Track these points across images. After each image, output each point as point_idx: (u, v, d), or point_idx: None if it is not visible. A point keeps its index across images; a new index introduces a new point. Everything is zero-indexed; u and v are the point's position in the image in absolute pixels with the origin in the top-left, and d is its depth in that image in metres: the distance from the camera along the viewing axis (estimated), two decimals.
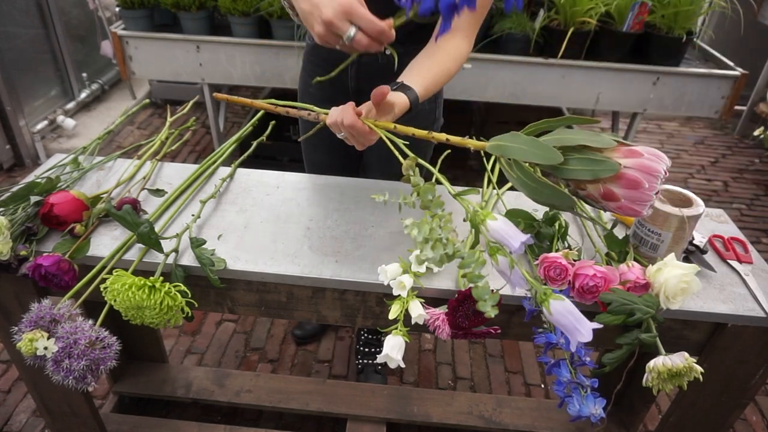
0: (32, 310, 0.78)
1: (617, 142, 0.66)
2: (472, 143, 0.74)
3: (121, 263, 0.86)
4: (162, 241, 0.86)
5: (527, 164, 0.68)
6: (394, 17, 0.74)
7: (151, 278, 0.79)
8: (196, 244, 0.87)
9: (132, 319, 0.82)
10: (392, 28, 0.74)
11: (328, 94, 1.24)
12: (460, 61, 0.99)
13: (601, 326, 0.64)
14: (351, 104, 0.81)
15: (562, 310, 0.63)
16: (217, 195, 1.03)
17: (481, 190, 1.09)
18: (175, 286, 0.81)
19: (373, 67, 1.16)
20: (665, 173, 0.64)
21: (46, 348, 0.76)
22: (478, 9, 0.98)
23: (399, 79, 0.93)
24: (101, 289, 0.80)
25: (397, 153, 0.80)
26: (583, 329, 0.62)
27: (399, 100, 0.87)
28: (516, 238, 0.63)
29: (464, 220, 0.86)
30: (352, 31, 0.71)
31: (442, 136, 0.77)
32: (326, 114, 0.86)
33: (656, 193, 0.64)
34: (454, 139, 0.76)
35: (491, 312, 0.63)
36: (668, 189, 0.87)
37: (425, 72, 0.95)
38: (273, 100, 0.96)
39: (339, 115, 0.80)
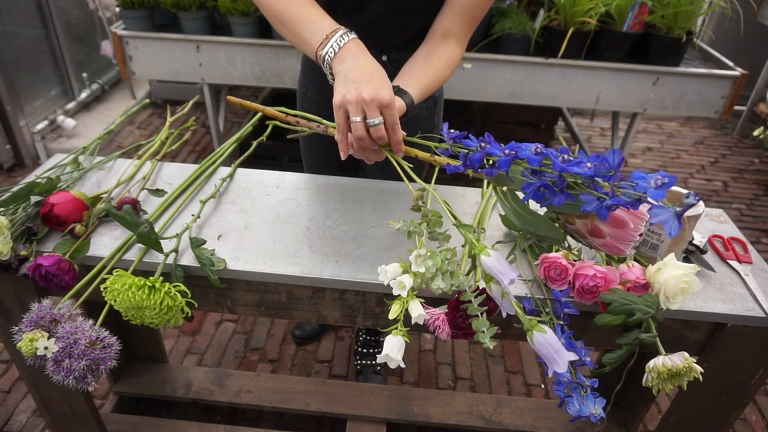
0: (32, 310, 0.78)
1: None
2: (470, 173, 0.77)
3: (121, 263, 0.86)
4: (162, 241, 0.86)
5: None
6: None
7: (151, 278, 0.79)
8: (196, 244, 0.87)
9: (132, 319, 0.82)
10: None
11: (325, 99, 1.25)
12: (453, 66, 1.00)
13: (576, 359, 0.71)
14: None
15: (543, 341, 0.69)
16: (217, 195, 1.03)
17: (481, 189, 1.09)
18: (174, 286, 0.81)
19: None
20: (650, 218, 0.66)
21: (46, 348, 0.76)
22: (474, 15, 0.98)
23: (395, 83, 0.93)
24: (101, 289, 0.80)
25: (403, 176, 0.82)
26: (561, 360, 0.68)
27: (396, 104, 0.87)
28: (506, 275, 0.70)
29: (462, 246, 0.89)
30: (377, 120, 0.78)
31: (444, 160, 0.80)
32: (334, 128, 0.88)
33: (640, 235, 0.67)
34: (456, 163, 0.78)
35: (489, 344, 0.70)
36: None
37: (422, 75, 0.95)
38: (284, 108, 0.99)
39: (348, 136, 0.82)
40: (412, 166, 0.84)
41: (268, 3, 0.91)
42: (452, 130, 0.77)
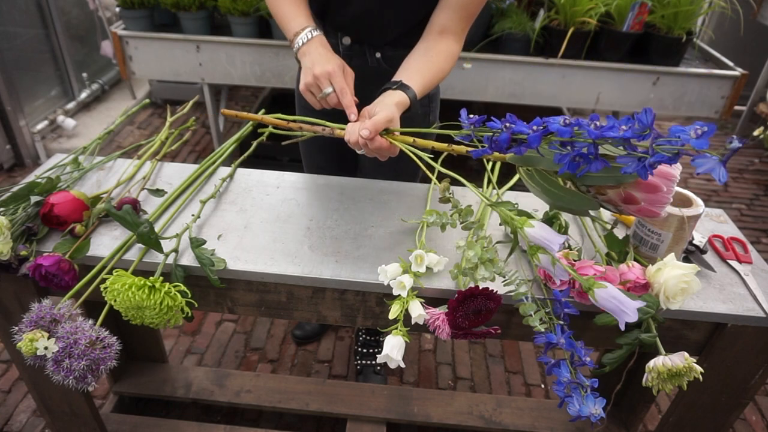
0: (32, 310, 0.78)
1: None
2: (494, 156, 0.77)
3: (121, 263, 0.86)
4: (162, 241, 0.86)
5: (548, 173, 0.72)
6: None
7: (151, 278, 0.79)
8: (196, 244, 0.87)
9: (132, 319, 0.82)
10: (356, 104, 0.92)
11: None
12: (452, 61, 1.01)
13: (644, 304, 0.71)
14: (366, 123, 0.83)
15: (606, 296, 0.69)
16: (216, 195, 1.03)
17: (481, 189, 1.09)
18: (174, 286, 0.81)
19: (362, 72, 1.17)
20: (678, 178, 0.69)
21: (46, 348, 0.76)
22: (469, 11, 0.99)
23: (397, 77, 0.94)
24: (101, 290, 0.80)
25: (423, 167, 0.81)
26: (629, 310, 0.67)
27: (399, 98, 0.88)
28: (555, 241, 0.70)
29: (500, 224, 0.88)
30: (329, 89, 0.92)
31: (462, 149, 0.79)
32: (341, 128, 0.89)
33: (671, 197, 0.69)
34: (474, 158, 0.78)
35: (540, 326, 0.71)
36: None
37: (423, 70, 0.96)
38: (281, 115, 0.99)
39: (359, 137, 0.84)
40: (432, 156, 0.83)
41: (268, 3, 1.05)
42: (471, 116, 0.77)
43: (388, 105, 0.86)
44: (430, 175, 0.82)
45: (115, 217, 0.82)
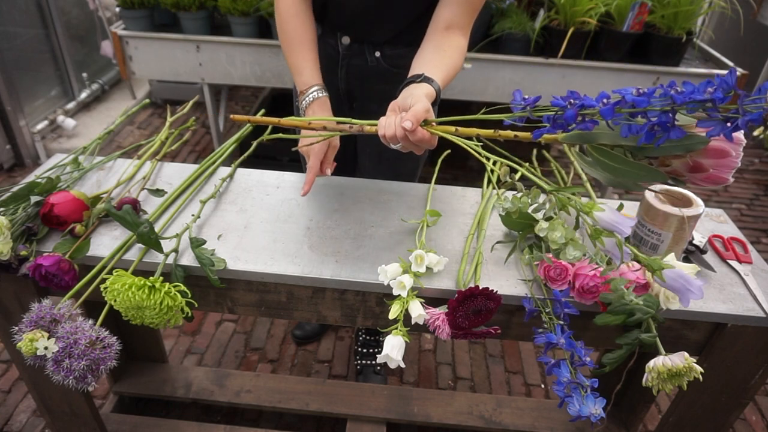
0: (32, 310, 0.78)
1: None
2: (546, 137, 0.73)
3: (121, 263, 0.86)
4: (162, 241, 0.86)
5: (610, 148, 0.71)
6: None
7: (151, 278, 0.79)
8: (196, 244, 0.87)
9: (132, 319, 0.82)
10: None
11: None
12: (462, 55, 1.00)
13: (706, 282, 0.74)
14: (405, 115, 0.80)
15: (674, 275, 0.71)
16: (216, 195, 1.03)
17: (481, 189, 1.09)
18: (174, 286, 0.81)
19: (362, 69, 1.17)
20: (744, 141, 0.68)
21: (46, 348, 0.76)
22: (474, 5, 0.99)
23: (419, 71, 0.92)
24: (101, 290, 0.80)
25: (481, 159, 0.79)
26: (694, 288, 0.70)
27: (427, 90, 0.86)
28: (625, 224, 0.72)
29: (560, 210, 0.89)
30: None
31: (510, 134, 0.76)
32: (371, 125, 0.85)
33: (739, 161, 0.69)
34: (523, 135, 0.75)
35: (637, 299, 0.74)
36: (668, 189, 0.88)
37: (441, 65, 0.94)
38: (299, 123, 0.92)
39: (398, 130, 0.80)
40: (482, 143, 0.80)
41: (281, 45, 1.08)
42: (526, 96, 0.74)
43: (420, 96, 0.83)
44: (485, 161, 0.78)
45: (115, 217, 0.82)
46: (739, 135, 0.67)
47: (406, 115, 0.79)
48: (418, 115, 0.78)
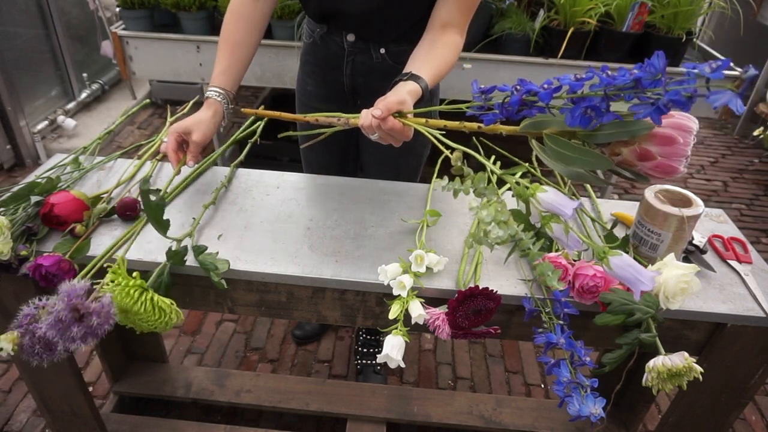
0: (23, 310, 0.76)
1: None
2: (503, 128, 0.76)
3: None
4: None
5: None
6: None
7: (139, 281, 0.79)
8: (198, 252, 0.86)
9: (125, 323, 0.81)
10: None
11: (324, 93, 1.26)
12: (457, 52, 1.02)
13: (659, 274, 0.71)
14: (384, 102, 0.84)
15: (621, 264, 0.67)
16: (216, 198, 1.03)
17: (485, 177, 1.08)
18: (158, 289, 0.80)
19: (366, 66, 1.18)
20: (696, 131, 0.68)
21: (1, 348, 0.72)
22: (469, 3, 1.00)
23: (407, 70, 0.94)
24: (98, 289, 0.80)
25: (440, 146, 0.81)
26: (644, 279, 0.66)
27: (411, 87, 0.89)
28: (567, 205, 0.69)
29: (512, 197, 0.88)
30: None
31: (473, 125, 0.78)
32: (355, 118, 0.90)
33: (689, 150, 0.68)
34: (487, 128, 0.77)
35: (558, 285, 0.69)
36: (668, 189, 0.88)
37: (431, 61, 0.97)
38: (296, 116, 0.99)
39: (374, 119, 0.84)
40: (444, 132, 0.83)
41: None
42: (482, 86, 0.77)
43: (400, 92, 0.87)
44: (444, 149, 0.81)
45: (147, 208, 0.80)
46: (688, 122, 0.67)
47: (378, 105, 0.83)
48: (389, 105, 0.83)
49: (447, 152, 0.80)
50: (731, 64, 2.19)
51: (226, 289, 0.90)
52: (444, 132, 0.82)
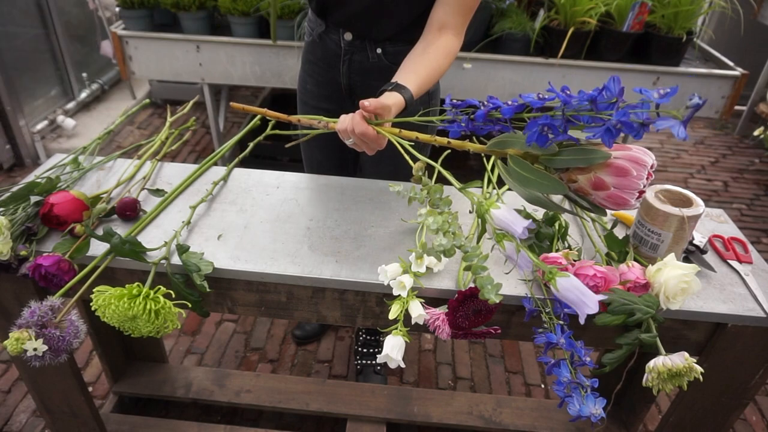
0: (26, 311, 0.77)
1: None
2: (471, 146, 0.78)
3: (120, 263, 0.86)
4: (156, 247, 0.86)
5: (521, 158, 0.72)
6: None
7: (128, 285, 0.79)
8: (182, 250, 0.86)
9: (131, 332, 0.81)
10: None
11: (323, 92, 1.27)
12: (451, 57, 1.02)
13: (605, 297, 0.70)
14: (360, 113, 0.86)
15: (568, 285, 0.68)
16: (215, 195, 1.03)
17: (481, 188, 1.08)
18: (156, 290, 0.80)
19: (363, 66, 1.19)
20: (652, 166, 0.69)
21: (35, 349, 0.75)
22: (467, 5, 1.00)
23: (393, 79, 0.95)
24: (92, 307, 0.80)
25: (406, 156, 0.82)
26: (589, 302, 0.66)
27: (395, 99, 0.90)
28: (518, 224, 0.69)
29: (470, 212, 0.88)
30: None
31: (444, 140, 0.80)
32: (335, 122, 0.91)
33: (644, 184, 0.68)
34: (455, 143, 0.79)
35: (495, 299, 0.68)
36: (668, 189, 0.88)
37: (420, 69, 0.98)
38: (279, 114, 1.02)
39: (349, 124, 0.86)
40: (413, 143, 0.85)
41: None
42: (455, 100, 0.78)
43: (386, 101, 0.88)
44: (409, 160, 0.83)
45: (92, 236, 0.82)
46: (644, 157, 0.68)
47: (370, 101, 0.85)
48: (378, 104, 0.84)
49: (410, 160, 0.83)
50: (731, 64, 2.19)
51: (226, 289, 0.90)
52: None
